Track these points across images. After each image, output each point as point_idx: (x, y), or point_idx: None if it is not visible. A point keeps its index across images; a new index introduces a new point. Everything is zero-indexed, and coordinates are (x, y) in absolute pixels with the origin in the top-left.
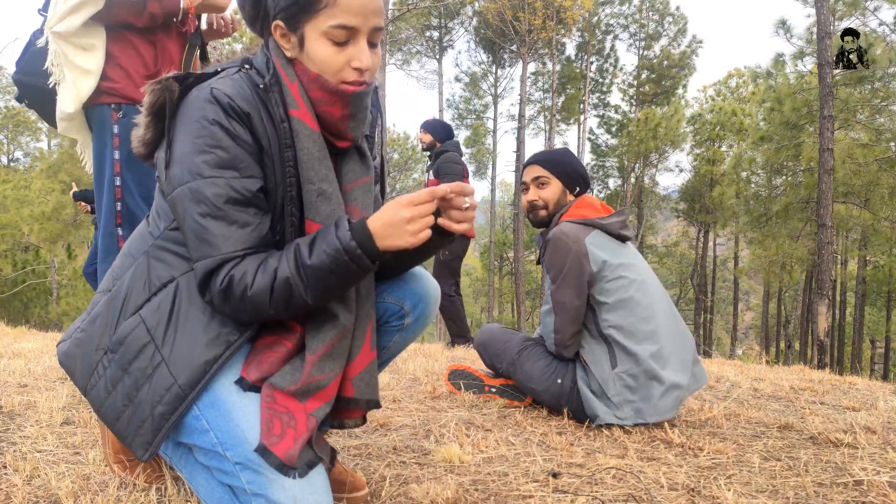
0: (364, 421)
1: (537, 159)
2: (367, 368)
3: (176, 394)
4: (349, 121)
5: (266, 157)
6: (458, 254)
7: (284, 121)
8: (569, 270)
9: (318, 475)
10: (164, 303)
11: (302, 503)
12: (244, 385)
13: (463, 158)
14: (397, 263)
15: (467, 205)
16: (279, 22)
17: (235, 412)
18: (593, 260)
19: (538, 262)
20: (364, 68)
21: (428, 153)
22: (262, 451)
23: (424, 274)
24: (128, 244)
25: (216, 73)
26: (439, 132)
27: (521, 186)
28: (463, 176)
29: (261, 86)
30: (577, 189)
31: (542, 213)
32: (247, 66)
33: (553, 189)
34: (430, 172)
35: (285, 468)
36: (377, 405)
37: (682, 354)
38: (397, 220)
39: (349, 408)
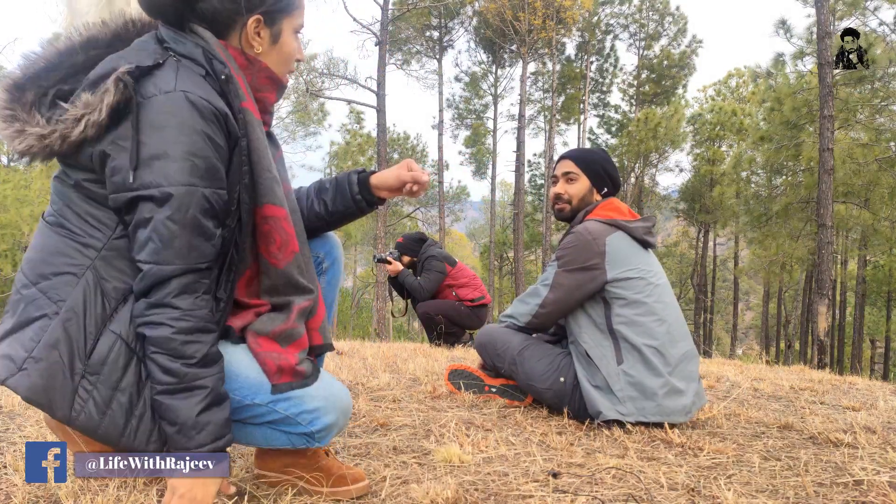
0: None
1: (570, 155)
2: (325, 318)
3: None
4: (273, 106)
5: (234, 151)
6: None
7: (240, 112)
8: (579, 266)
9: (325, 374)
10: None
11: (333, 398)
12: (233, 337)
13: (441, 250)
14: (325, 224)
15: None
16: (260, 16)
17: (241, 367)
18: (610, 262)
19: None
20: (303, 60)
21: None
22: (276, 388)
23: (330, 234)
24: (43, 265)
25: (157, 65)
26: (412, 247)
27: (552, 179)
28: (445, 273)
29: (223, 76)
30: (605, 190)
31: (566, 207)
32: (173, 56)
33: (580, 186)
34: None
35: (304, 381)
36: (332, 348)
37: (688, 367)
38: None
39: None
